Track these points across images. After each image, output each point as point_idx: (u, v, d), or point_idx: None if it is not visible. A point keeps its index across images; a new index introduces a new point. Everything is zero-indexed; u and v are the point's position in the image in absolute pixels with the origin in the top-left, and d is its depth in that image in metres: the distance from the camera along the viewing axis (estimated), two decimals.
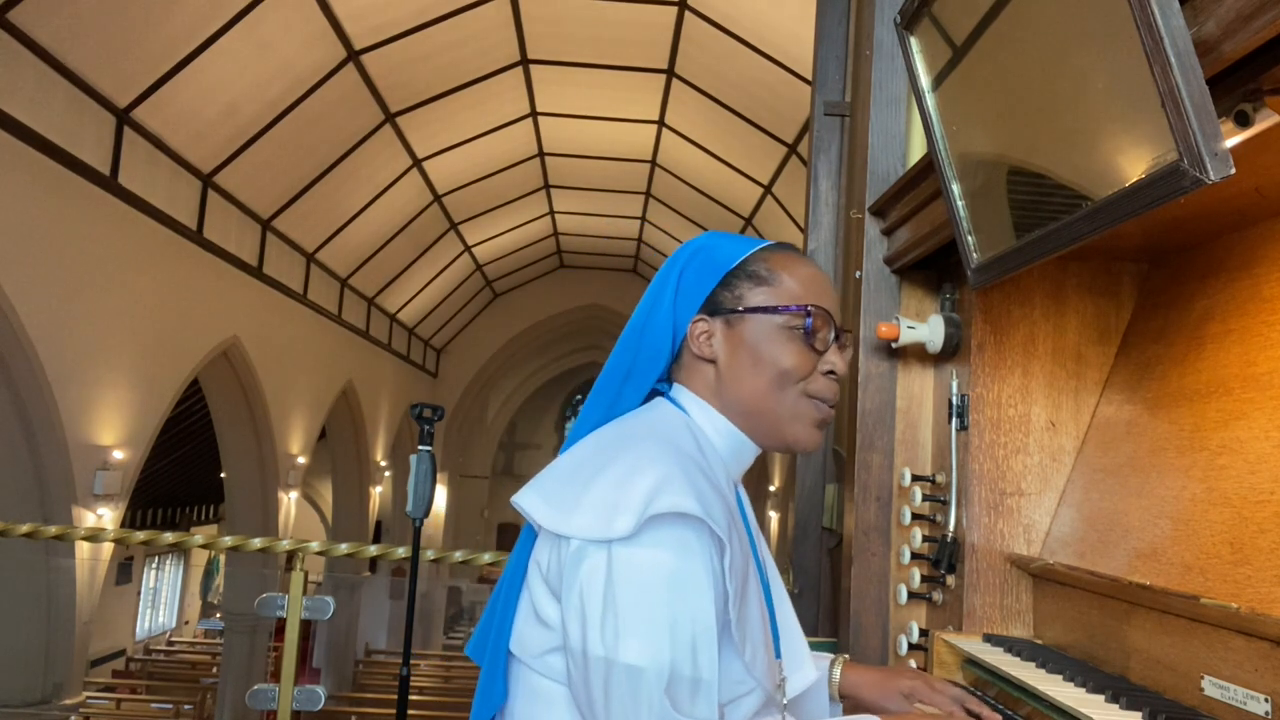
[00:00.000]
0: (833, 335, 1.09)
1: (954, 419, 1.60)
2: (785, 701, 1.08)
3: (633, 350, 1.10)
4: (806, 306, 1.06)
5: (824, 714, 1.24)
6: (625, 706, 0.88)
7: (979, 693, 1.36)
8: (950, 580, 1.59)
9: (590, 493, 0.93)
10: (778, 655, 1.08)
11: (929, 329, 1.65)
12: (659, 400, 1.11)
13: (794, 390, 1.06)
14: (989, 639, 1.48)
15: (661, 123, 10.02)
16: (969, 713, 1.15)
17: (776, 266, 1.09)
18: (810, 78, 2.57)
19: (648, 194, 12.50)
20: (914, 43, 1.41)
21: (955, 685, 1.23)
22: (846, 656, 1.27)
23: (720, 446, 1.08)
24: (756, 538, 1.13)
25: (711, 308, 1.09)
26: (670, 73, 8.84)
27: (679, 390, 1.10)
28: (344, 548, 2.99)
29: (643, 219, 13.80)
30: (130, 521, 11.17)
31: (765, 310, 1.06)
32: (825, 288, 1.10)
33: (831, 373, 1.08)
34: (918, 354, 1.78)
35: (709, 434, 1.08)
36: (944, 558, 1.57)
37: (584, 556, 0.92)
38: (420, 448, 2.83)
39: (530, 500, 0.98)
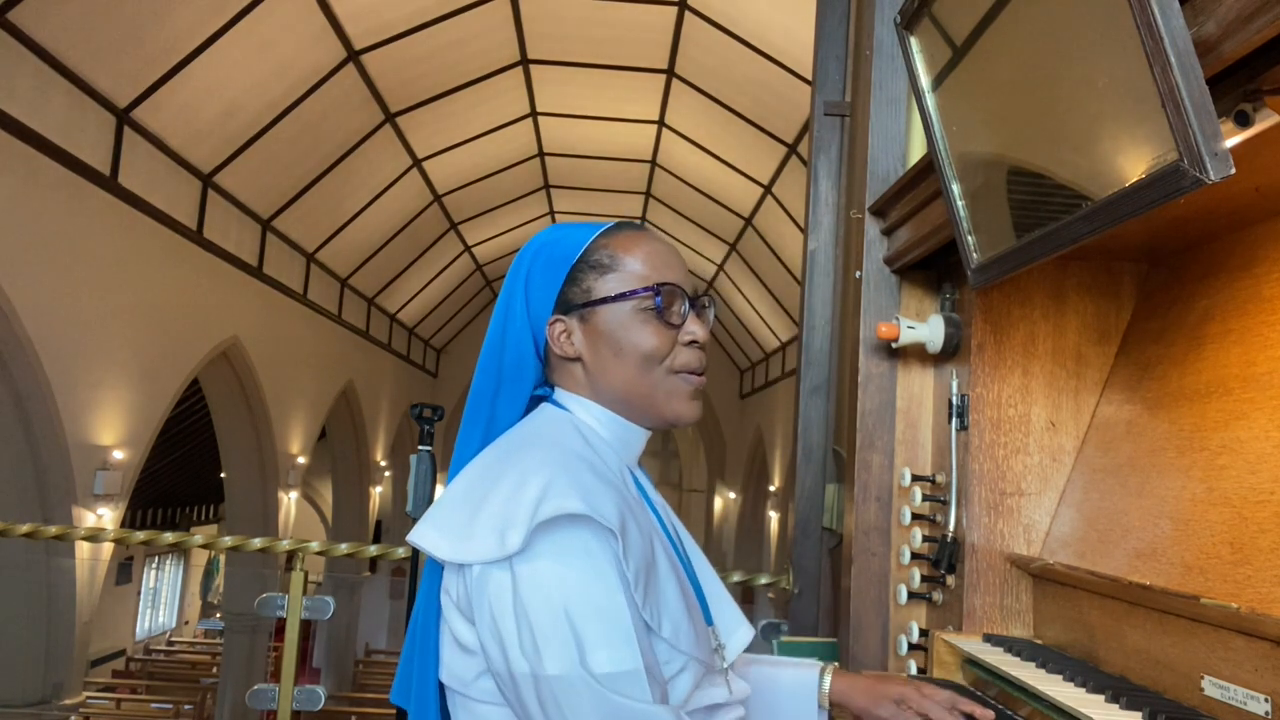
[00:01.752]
0: (686, 306, 1.09)
1: (954, 419, 1.60)
2: (726, 666, 1.09)
3: (495, 366, 1.10)
4: (654, 286, 1.06)
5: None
6: (565, 716, 0.89)
7: (976, 691, 1.36)
8: (950, 580, 1.59)
9: (480, 516, 0.94)
10: (709, 622, 1.09)
11: (929, 329, 1.65)
12: (543, 405, 1.10)
13: (660, 370, 1.07)
14: (989, 639, 1.47)
15: (661, 123, 10.02)
16: (963, 714, 1.14)
17: (618, 250, 1.09)
18: (810, 78, 2.57)
19: (648, 194, 12.50)
20: (914, 43, 1.41)
21: (947, 687, 1.22)
22: (836, 665, 1.26)
23: (607, 437, 1.08)
24: (664, 514, 1.14)
25: (564, 306, 1.08)
26: (670, 73, 8.84)
27: (559, 392, 1.11)
28: (344, 548, 2.99)
29: (643, 219, 13.80)
30: (130, 521, 11.17)
31: (614, 299, 1.06)
32: (669, 260, 1.10)
33: (694, 342, 1.09)
34: (918, 354, 1.78)
35: (594, 427, 1.08)
36: (944, 558, 1.57)
37: (487, 580, 0.92)
38: (420, 448, 2.83)
39: (425, 535, 0.97)
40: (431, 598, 1.03)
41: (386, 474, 14.91)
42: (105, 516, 6.68)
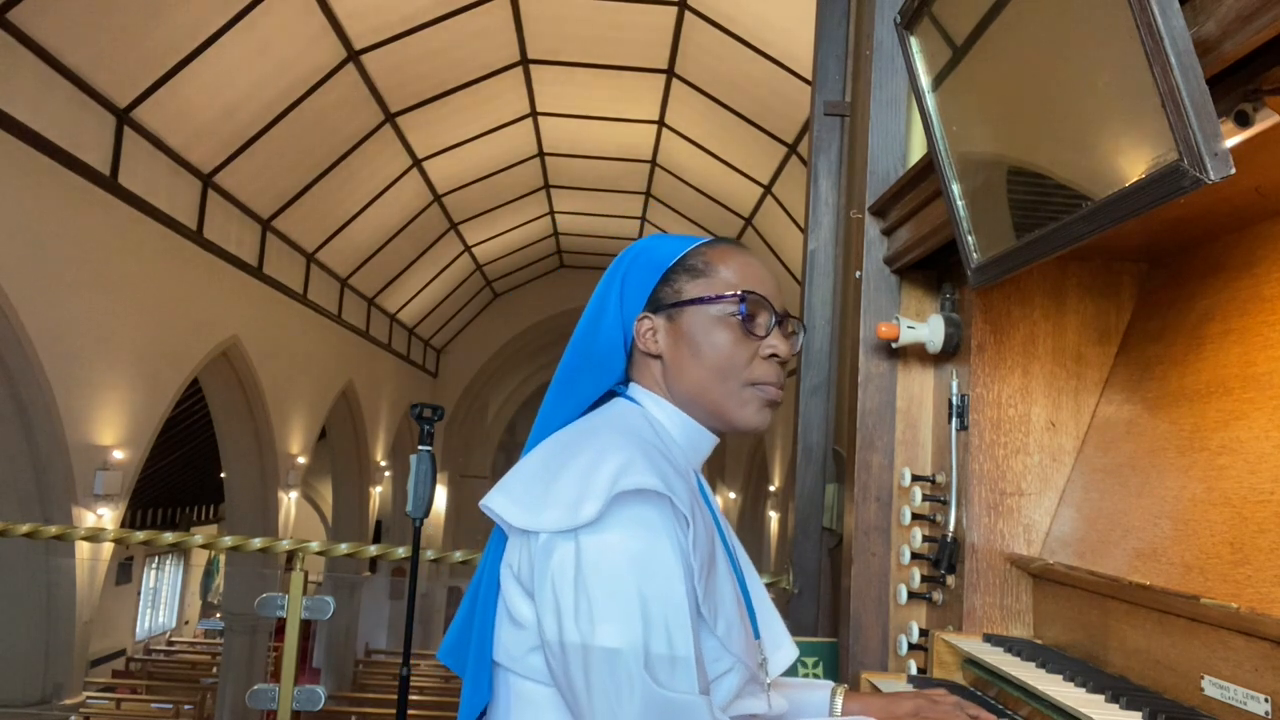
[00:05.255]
0: (773, 320, 1.11)
1: (954, 419, 1.60)
2: (769, 681, 1.10)
3: (585, 352, 1.14)
4: (740, 293, 1.09)
5: None
6: (607, 690, 0.89)
7: (976, 691, 1.36)
8: (950, 580, 1.59)
9: (556, 486, 0.96)
10: (757, 635, 1.10)
11: (929, 329, 1.65)
12: (615, 399, 1.14)
13: (735, 381, 1.09)
14: (989, 639, 1.48)
15: (661, 123, 10.02)
16: (969, 718, 1.14)
17: (713, 259, 1.12)
18: (810, 78, 2.57)
19: (648, 194, 12.50)
20: (914, 43, 1.41)
21: (951, 693, 1.22)
22: (845, 686, 1.25)
23: (677, 436, 1.11)
24: (723, 523, 1.16)
25: (654, 305, 1.12)
26: (670, 73, 8.84)
27: (633, 388, 1.14)
28: (344, 548, 2.99)
29: (643, 219, 13.80)
30: (130, 521, 11.17)
31: (701, 301, 1.09)
32: (762, 275, 1.13)
33: (774, 356, 1.11)
34: (918, 354, 1.78)
35: (665, 425, 1.11)
36: (944, 558, 1.57)
37: (552, 549, 0.94)
38: (420, 448, 2.83)
39: (498, 502, 1.00)
40: (493, 568, 1.05)
41: (386, 474, 14.90)
42: (105, 516, 6.68)
